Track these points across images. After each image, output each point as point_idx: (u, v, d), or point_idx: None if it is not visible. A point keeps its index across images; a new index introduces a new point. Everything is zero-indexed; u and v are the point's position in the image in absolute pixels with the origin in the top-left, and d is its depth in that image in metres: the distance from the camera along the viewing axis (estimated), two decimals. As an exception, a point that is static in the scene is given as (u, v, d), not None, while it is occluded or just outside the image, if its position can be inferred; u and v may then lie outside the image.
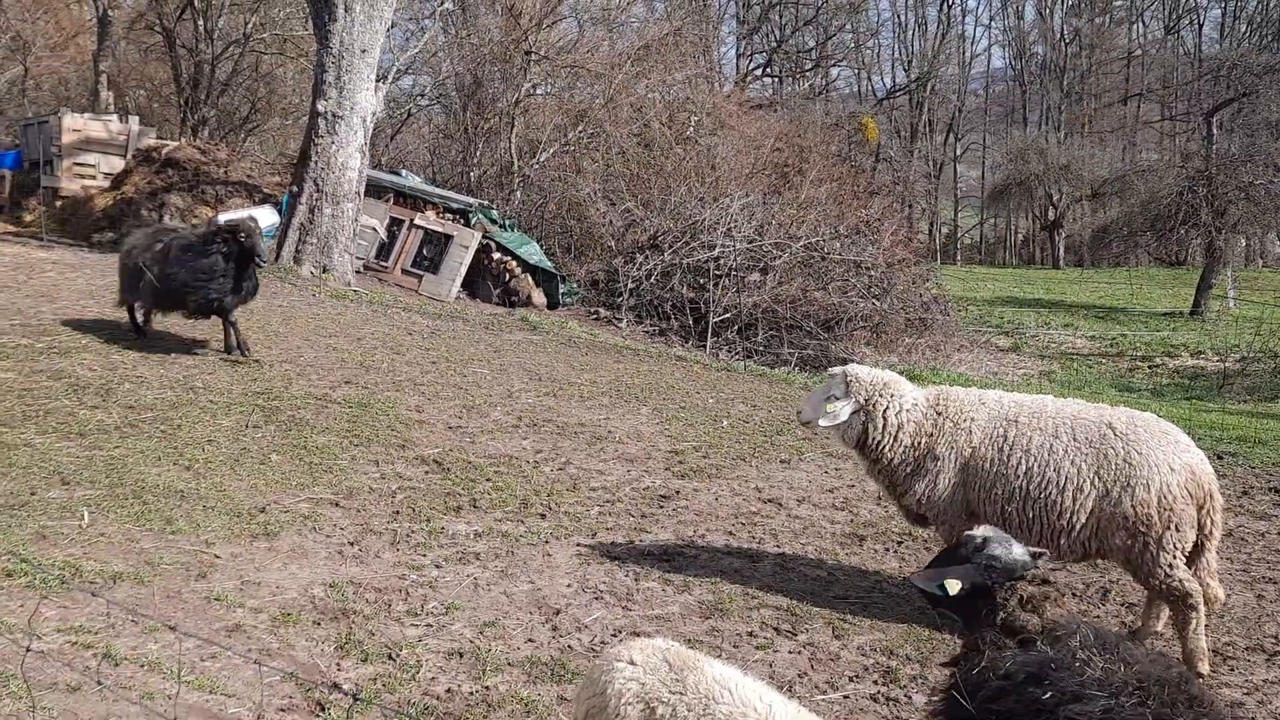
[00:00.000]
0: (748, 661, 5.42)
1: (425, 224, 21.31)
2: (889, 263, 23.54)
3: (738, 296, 20.97)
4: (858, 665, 5.47)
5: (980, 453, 5.85)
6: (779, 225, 23.19)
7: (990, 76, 76.07)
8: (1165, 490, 5.38)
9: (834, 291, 21.54)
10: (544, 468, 8.83)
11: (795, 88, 62.64)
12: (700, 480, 8.85)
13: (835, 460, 9.98)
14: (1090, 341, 29.42)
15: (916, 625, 6.02)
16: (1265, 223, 36.31)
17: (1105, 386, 22.15)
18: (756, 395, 13.49)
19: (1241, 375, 22.81)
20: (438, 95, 33.92)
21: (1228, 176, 32.85)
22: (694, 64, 36.81)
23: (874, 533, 7.76)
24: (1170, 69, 66.85)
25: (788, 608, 6.14)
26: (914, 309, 22.99)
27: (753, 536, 7.50)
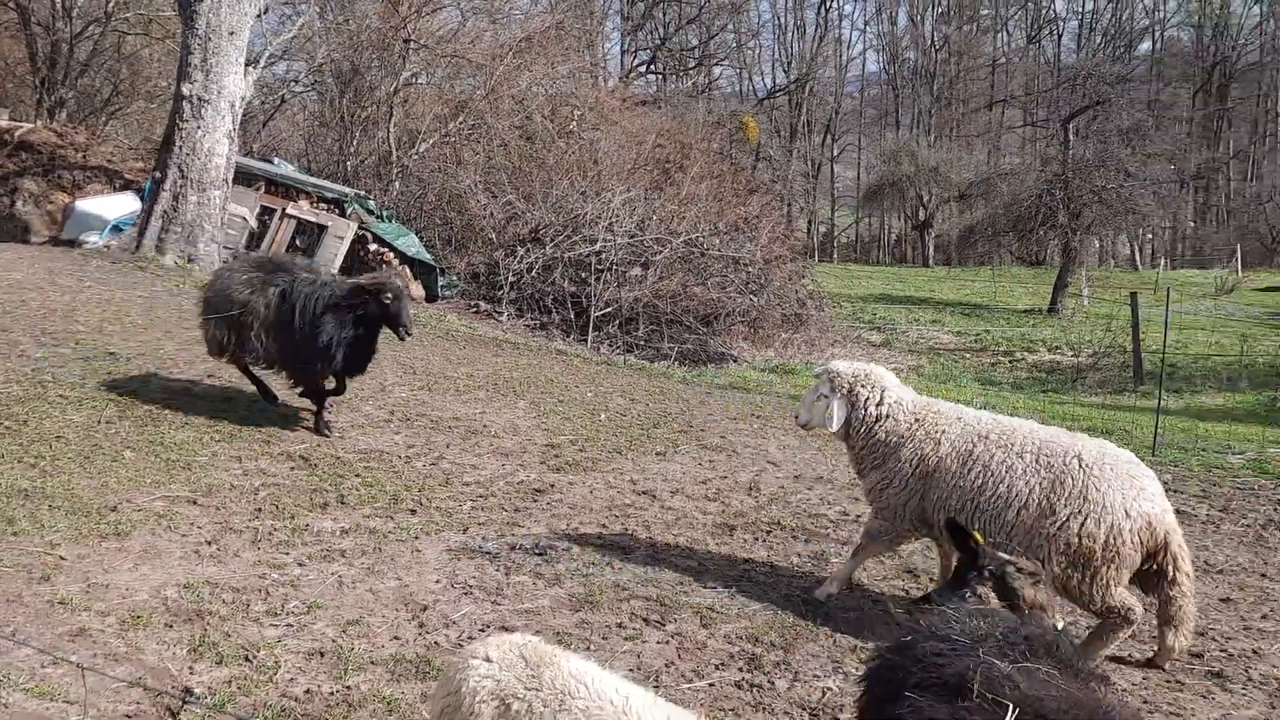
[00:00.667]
0: (616, 653, 5.43)
1: (298, 213, 20.69)
2: (766, 260, 23.96)
3: (619, 291, 21.04)
4: (724, 653, 5.55)
5: (944, 465, 5.99)
6: (660, 221, 23.34)
7: (865, 80, 78.23)
8: (1115, 531, 5.38)
9: (713, 287, 21.81)
10: (416, 463, 8.69)
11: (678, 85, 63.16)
12: (576, 474, 8.84)
13: (709, 453, 10.11)
14: (956, 337, 30.56)
15: (782, 613, 6.14)
16: (1116, 225, 38.32)
17: (969, 380, 23.02)
18: (635, 389, 13.56)
19: (1093, 369, 24.05)
20: (313, 82, 32.97)
21: (1083, 180, 34.52)
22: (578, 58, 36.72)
23: (744, 523, 7.88)
24: (1032, 77, 69.94)
25: (658, 598, 6.19)
26: (790, 305, 23.47)
27: (626, 529, 7.53)
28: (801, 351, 22.32)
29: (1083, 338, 27.86)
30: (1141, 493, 5.48)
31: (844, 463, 10.11)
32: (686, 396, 13.37)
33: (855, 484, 9.27)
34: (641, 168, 29.01)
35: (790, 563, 7.13)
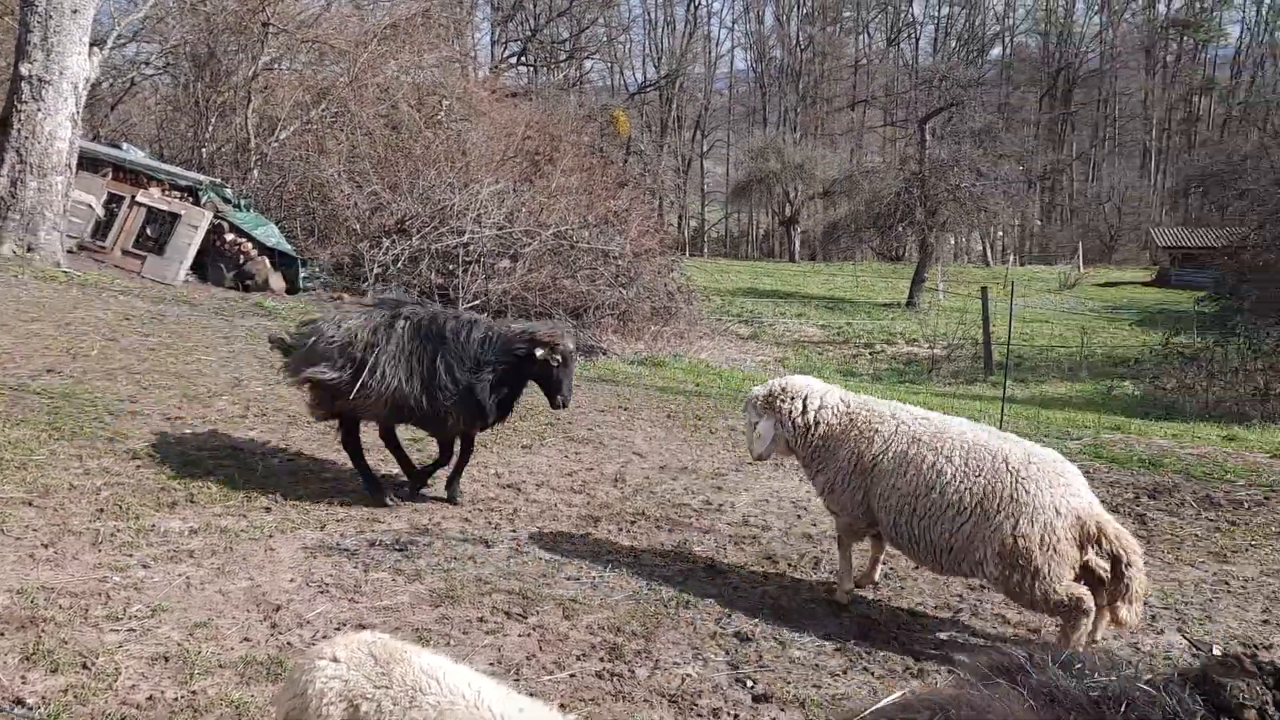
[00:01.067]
0: (477, 647, 5.39)
1: (149, 201, 19.79)
2: (636, 253, 24.13)
3: (487, 283, 20.85)
4: (585, 644, 5.56)
5: (880, 465, 6.06)
6: (530, 213, 23.22)
7: (734, 77, 79.57)
8: (1049, 530, 5.44)
9: (583, 280, 21.85)
10: (272, 459, 8.42)
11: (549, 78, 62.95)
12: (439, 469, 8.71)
13: (576, 445, 10.12)
14: (820, 330, 31.43)
15: (645, 602, 6.19)
16: (970, 222, 40.04)
17: (832, 372, 23.67)
18: (502, 382, 13.43)
19: (947, 360, 25.08)
20: (166, 65, 31.55)
21: (938, 179, 35.96)
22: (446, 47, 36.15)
23: (609, 514, 7.92)
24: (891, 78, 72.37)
25: (520, 591, 6.16)
26: (659, 298, 23.70)
27: (490, 522, 7.47)
28: (671, 344, 22.57)
29: (938, 330, 29.02)
30: (1068, 489, 5.56)
31: (709, 453, 10.29)
32: (554, 389, 13.33)
33: (719, 474, 9.46)
34: (511, 159, 28.81)
35: (654, 551, 7.20)
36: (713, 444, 10.78)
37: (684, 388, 14.92)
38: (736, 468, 9.76)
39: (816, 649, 5.80)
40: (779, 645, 5.80)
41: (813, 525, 8.09)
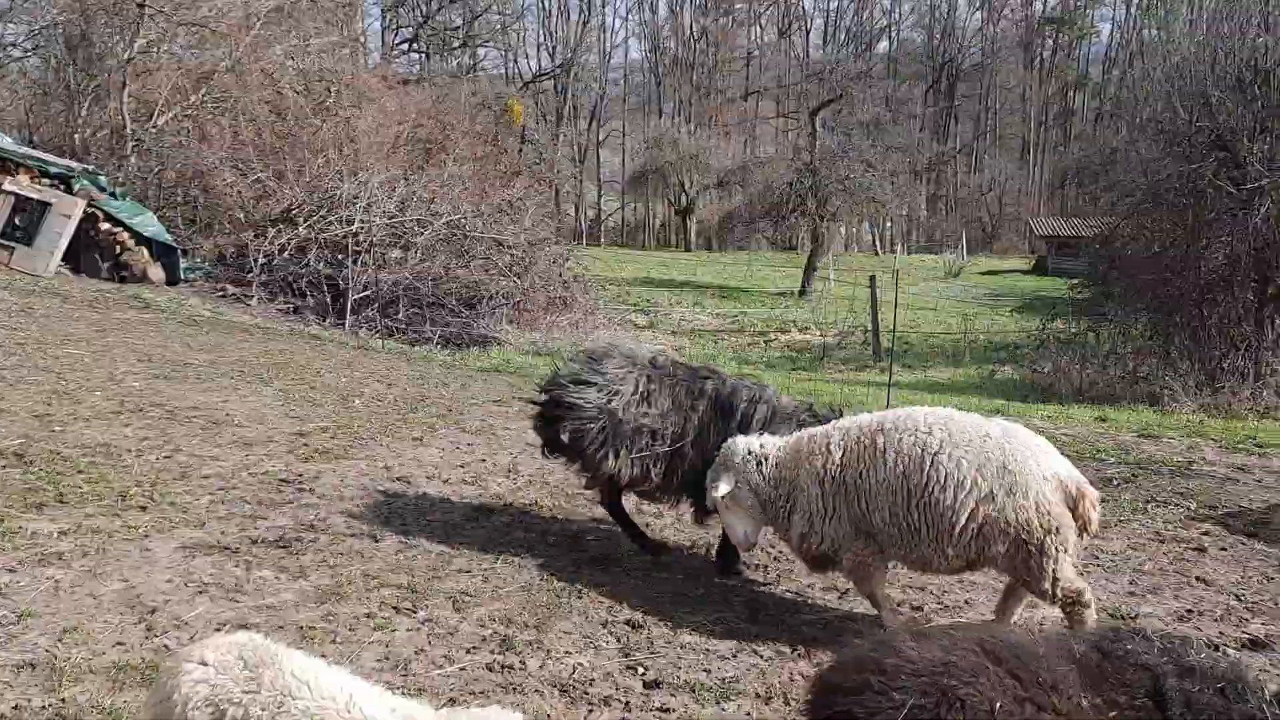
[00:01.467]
0: (364, 644, 5.29)
1: (16, 189, 18.83)
2: (531, 242, 23.99)
3: (378, 273, 20.47)
4: (476, 637, 5.51)
5: (848, 465, 5.70)
6: (422, 202, 22.87)
7: (628, 67, 79.64)
8: (1041, 497, 5.26)
9: (476, 269, 21.63)
10: (148, 456, 8.11)
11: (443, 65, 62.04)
12: (326, 462, 8.53)
13: (469, 436, 10.01)
14: (716, 319, 31.77)
15: (536, 593, 6.17)
16: (859, 212, 40.97)
17: (728, 360, 23.95)
18: (394, 374, 13.24)
19: (838, 348, 25.64)
20: (35, 46, 30.01)
21: (829, 170, 36.67)
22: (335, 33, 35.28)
23: (501, 505, 7.87)
24: (783, 70, 73.49)
25: (409, 585, 6.07)
26: (555, 288, 23.62)
27: (379, 516, 7.33)
28: (567, 334, 22.51)
29: (829, 318, 29.61)
30: (1048, 454, 5.45)
31: (602, 442, 10.28)
32: (447, 380, 13.19)
33: (612, 462, 9.46)
34: (402, 147, 28.35)
35: (547, 542, 7.17)
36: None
37: (579, 377, 14.89)
38: (630, 456, 9.79)
39: (707, 633, 5.86)
40: (671, 631, 5.85)
41: (705, 512, 8.16)
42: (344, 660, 5.06)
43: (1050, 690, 2.99)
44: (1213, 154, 19.00)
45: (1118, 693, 3.01)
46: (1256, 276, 18.68)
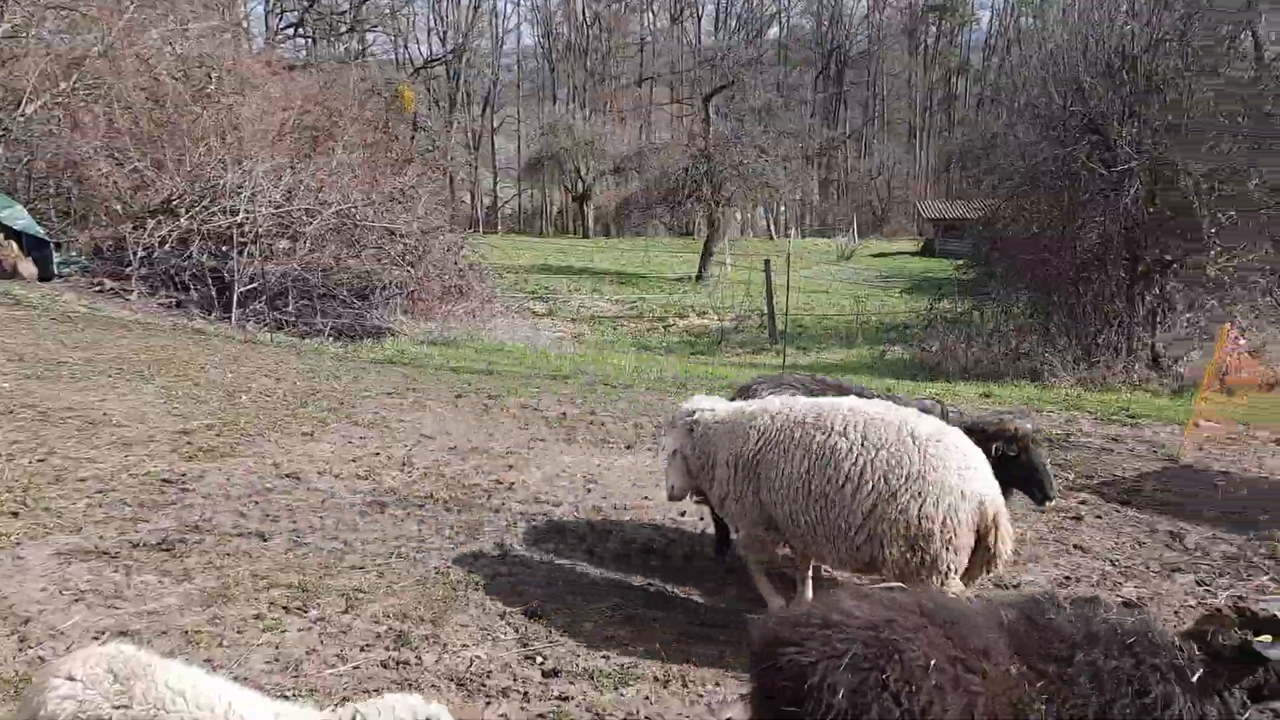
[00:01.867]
0: (252, 646, 5.15)
1: None
2: (425, 231, 23.60)
3: (265, 265, 19.87)
4: (370, 634, 5.41)
5: (763, 455, 5.68)
6: (310, 191, 22.25)
7: (521, 53, 78.90)
8: (952, 512, 5.06)
9: (368, 259, 21.18)
10: (20, 460, 7.73)
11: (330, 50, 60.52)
12: (211, 460, 8.26)
13: (362, 430, 9.82)
14: (615, 305, 31.80)
15: (432, 587, 6.09)
16: (754, 197, 41.41)
17: (627, 346, 24.03)
18: (283, 368, 12.89)
19: (736, 331, 25.94)
20: (-115, 28, 28.18)
21: (723, 156, 36.98)
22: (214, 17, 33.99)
23: (396, 499, 7.73)
24: (676, 56, 73.78)
25: (300, 584, 5.92)
26: (450, 277, 23.30)
27: (267, 514, 7.13)
28: (463, 323, 22.25)
29: (726, 303, 29.92)
30: (976, 471, 5.20)
31: (501, 432, 10.23)
32: (339, 373, 12.91)
33: (511, 452, 9.42)
34: (289, 135, 27.52)
35: (443, 535, 7.08)
36: (505, 423, 10.71)
37: (476, 367, 14.75)
38: (528, 445, 9.74)
39: (607, 620, 5.87)
40: (570, 619, 5.84)
41: (603, 499, 8.17)
42: (231, 664, 4.92)
43: (982, 655, 3.12)
44: (1085, 137, 19.74)
45: (1045, 662, 3.15)
46: (1128, 255, 19.51)
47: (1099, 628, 3.26)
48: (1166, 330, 19.01)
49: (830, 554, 5.49)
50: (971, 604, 3.50)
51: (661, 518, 7.79)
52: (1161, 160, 18.50)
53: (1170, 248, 19.03)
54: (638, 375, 14.79)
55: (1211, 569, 7.27)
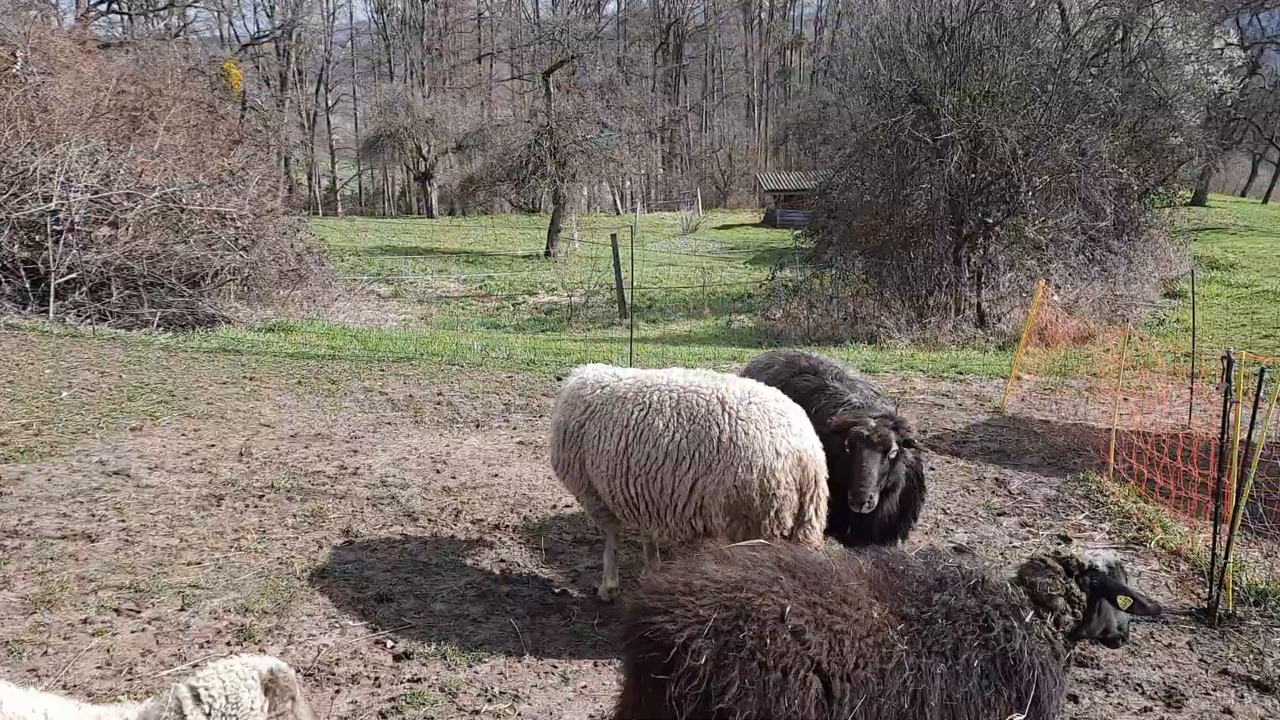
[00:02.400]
0: (80, 652, 4.90)
1: None
2: (257, 214, 22.64)
3: (84, 254, 18.71)
4: (210, 631, 5.23)
5: (587, 430, 5.68)
6: (130, 175, 21.04)
7: (354, 29, 76.46)
8: (768, 474, 5.05)
9: (198, 245, 20.18)
10: None
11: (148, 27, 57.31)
12: (30, 461, 7.78)
13: (195, 422, 9.41)
14: (462, 285, 31.36)
15: (275, 578, 5.92)
16: (599, 173, 41.45)
17: (476, 325, 23.77)
18: (107, 361, 12.22)
19: (585, 307, 25.98)
20: None
21: (566, 132, 36.85)
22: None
23: (234, 491, 7.46)
24: (515, 31, 72.90)
25: (131, 585, 5.67)
26: (287, 261, 22.46)
27: (94, 514, 6.78)
28: (303, 308, 21.56)
29: (574, 279, 29.91)
30: (789, 429, 5.19)
31: (344, 417, 9.99)
32: (169, 364, 12.33)
33: (355, 437, 9.22)
34: (105, 116, 25.93)
35: (285, 525, 6.89)
36: (348, 407, 10.46)
37: (317, 352, 14.32)
38: (374, 429, 9.55)
39: (459, 599, 5.85)
40: (420, 601, 5.79)
41: (452, 478, 8.10)
42: (59, 673, 4.69)
43: (840, 601, 3.32)
44: (911, 107, 20.57)
45: (906, 604, 3.39)
46: (952, 220, 20.48)
47: (946, 572, 3.54)
48: (990, 289, 20.07)
49: (659, 528, 5.52)
50: (829, 557, 3.68)
51: (513, 495, 7.79)
52: (980, 128, 19.45)
53: (991, 211, 20.06)
54: (486, 355, 14.65)
55: (1034, 511, 7.78)
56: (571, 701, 4.78)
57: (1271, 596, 5.90)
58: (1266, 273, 27.13)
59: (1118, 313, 19.09)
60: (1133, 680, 4.98)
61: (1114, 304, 19.85)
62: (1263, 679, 5.04)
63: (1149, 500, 7.69)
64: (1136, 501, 7.76)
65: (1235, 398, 5.63)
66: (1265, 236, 36.52)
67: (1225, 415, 5.67)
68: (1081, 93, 20.58)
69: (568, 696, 4.83)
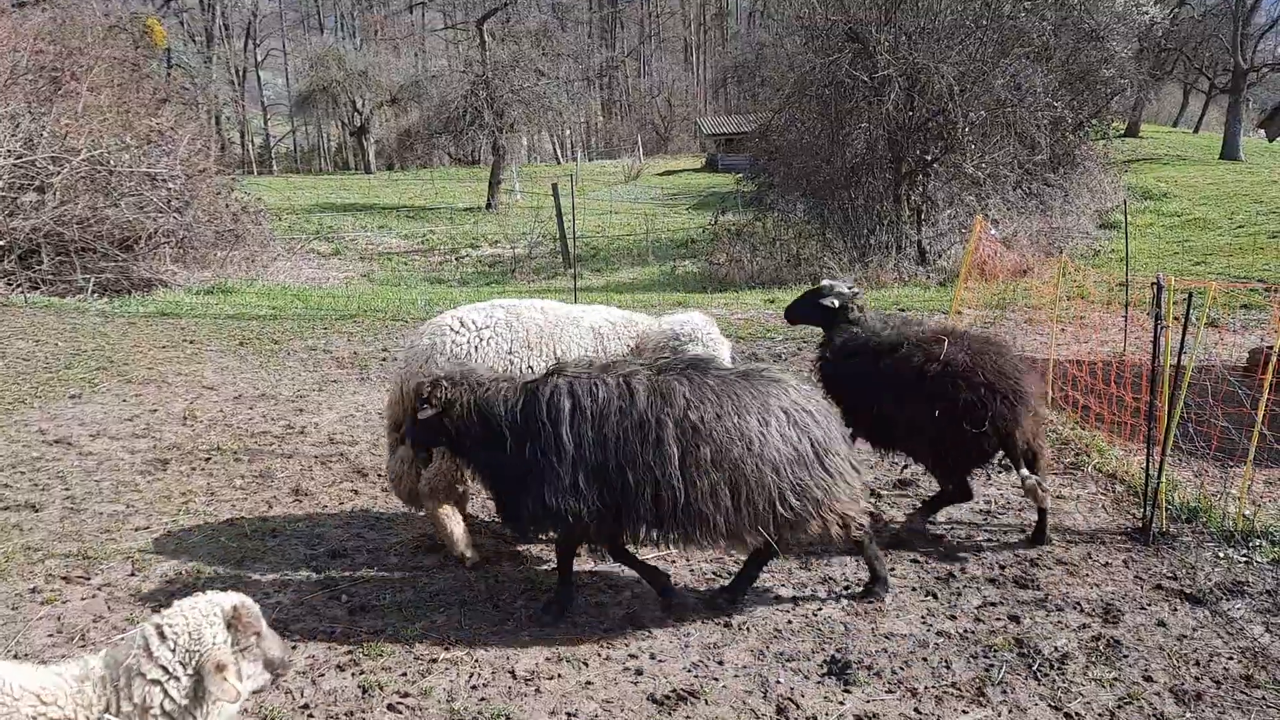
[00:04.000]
0: (31, 621, 4.86)
1: None
2: (189, 174, 22.14)
3: (10, 221, 18.19)
4: (162, 594, 5.20)
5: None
6: (55, 137, 20.41)
7: (281, -21, 74.25)
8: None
9: (129, 208, 19.73)
10: None
11: (61, -18, 55.04)
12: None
13: (136, 387, 9.27)
14: (404, 240, 31.01)
15: (226, 539, 5.90)
16: (538, 122, 41.00)
17: (419, 280, 23.53)
18: (41, 329, 11.96)
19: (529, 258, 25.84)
20: None
21: (503, 81, 36.32)
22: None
23: (179, 454, 7.39)
24: (447, -22, 71.41)
25: (80, 552, 5.61)
26: (223, 222, 22.04)
27: (35, 484, 6.68)
28: (242, 269, 21.20)
29: (517, 230, 29.71)
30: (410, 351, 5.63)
31: (288, 376, 9.89)
32: (106, 331, 12.09)
33: (301, 395, 9.14)
34: (23, 78, 25.03)
35: (234, 486, 6.84)
36: (292, 366, 10.36)
37: (258, 313, 14.12)
38: (319, 388, 9.47)
39: (412, 551, 5.87)
40: (374, 555, 5.80)
41: (401, 433, 8.08)
42: (9, 643, 4.65)
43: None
44: (848, 46, 20.56)
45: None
46: (891, 158, 20.62)
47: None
48: (930, 227, 20.29)
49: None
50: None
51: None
52: (916, 65, 19.51)
53: (929, 148, 20.22)
54: (431, 309, 14.55)
55: (973, 440, 7.96)
56: (528, 645, 4.85)
57: (1202, 513, 6.12)
58: (1198, 201, 27.73)
59: (1055, 245, 19.41)
60: (1071, 599, 5.16)
61: (1051, 236, 20.18)
62: (1194, 592, 5.25)
63: (1086, 426, 7.90)
64: (1074, 428, 7.97)
65: (1165, 323, 5.78)
66: (1196, 165, 37.26)
67: (1156, 340, 5.82)
68: (1015, 27, 20.67)
69: (524, 641, 4.90)
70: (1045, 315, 10.99)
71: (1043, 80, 20.40)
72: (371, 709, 4.18)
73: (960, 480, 5.79)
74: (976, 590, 5.20)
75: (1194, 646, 4.59)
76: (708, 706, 4.12)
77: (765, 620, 4.88)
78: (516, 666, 4.53)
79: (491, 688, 4.34)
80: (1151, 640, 4.65)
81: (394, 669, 4.56)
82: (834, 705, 4.11)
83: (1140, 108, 44.20)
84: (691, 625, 4.86)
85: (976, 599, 5.10)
